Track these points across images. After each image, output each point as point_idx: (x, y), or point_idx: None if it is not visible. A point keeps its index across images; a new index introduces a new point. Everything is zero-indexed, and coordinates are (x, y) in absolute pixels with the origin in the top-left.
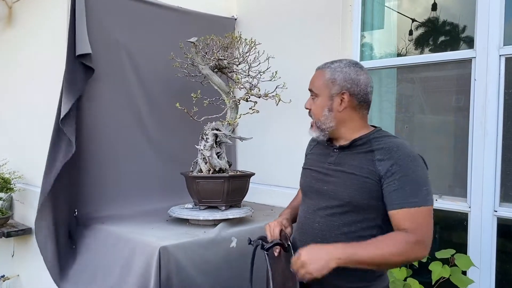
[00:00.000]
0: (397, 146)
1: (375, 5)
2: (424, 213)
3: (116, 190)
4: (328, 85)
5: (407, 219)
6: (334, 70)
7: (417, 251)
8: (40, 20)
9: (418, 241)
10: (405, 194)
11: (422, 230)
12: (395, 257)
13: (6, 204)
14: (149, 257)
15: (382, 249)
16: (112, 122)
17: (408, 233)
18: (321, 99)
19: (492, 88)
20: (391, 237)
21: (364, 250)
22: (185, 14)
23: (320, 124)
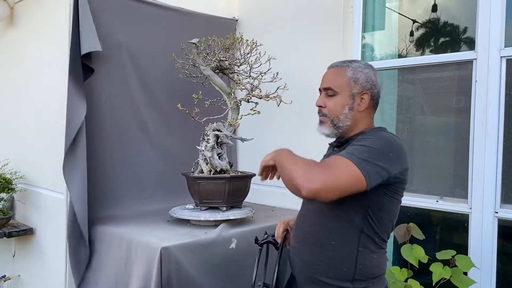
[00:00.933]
0: (374, 133)
1: (376, 6)
2: (342, 162)
3: (117, 191)
4: (350, 84)
5: (329, 159)
6: (355, 69)
7: (315, 173)
8: (42, 20)
9: (323, 167)
10: (343, 152)
11: (331, 167)
12: (297, 171)
13: (8, 205)
14: (150, 257)
15: (297, 160)
16: (113, 122)
17: (321, 163)
18: (342, 97)
19: (493, 90)
20: (311, 159)
21: (287, 157)
22: (187, 15)
23: (337, 122)
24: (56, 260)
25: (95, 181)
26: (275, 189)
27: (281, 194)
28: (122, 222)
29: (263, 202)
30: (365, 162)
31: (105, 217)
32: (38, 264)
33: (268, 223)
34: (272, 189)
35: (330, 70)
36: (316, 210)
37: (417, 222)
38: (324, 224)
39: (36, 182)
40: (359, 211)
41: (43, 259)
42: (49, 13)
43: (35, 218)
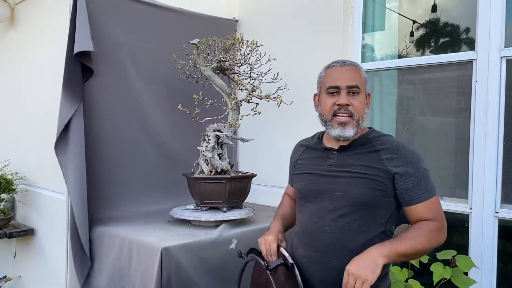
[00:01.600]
0: (400, 144)
1: (376, 7)
2: (437, 201)
3: (118, 191)
4: (365, 83)
5: (428, 210)
6: (363, 69)
7: (441, 236)
8: (43, 22)
9: (440, 227)
10: (421, 188)
11: (441, 216)
12: (428, 245)
13: (8, 205)
14: (151, 258)
15: (415, 239)
16: (113, 123)
17: (433, 222)
18: (363, 97)
19: (493, 90)
20: (420, 228)
21: (401, 243)
22: (187, 16)
23: (361, 121)
24: (56, 261)
25: (95, 182)
26: (276, 190)
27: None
28: (122, 223)
29: (264, 203)
30: (433, 183)
31: (105, 217)
32: (39, 264)
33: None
34: (273, 189)
35: (348, 68)
36: (340, 217)
37: None
38: (352, 228)
39: (37, 183)
40: (384, 215)
41: (44, 259)
42: (49, 14)
43: (36, 219)
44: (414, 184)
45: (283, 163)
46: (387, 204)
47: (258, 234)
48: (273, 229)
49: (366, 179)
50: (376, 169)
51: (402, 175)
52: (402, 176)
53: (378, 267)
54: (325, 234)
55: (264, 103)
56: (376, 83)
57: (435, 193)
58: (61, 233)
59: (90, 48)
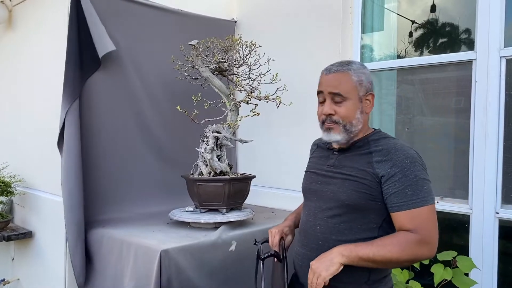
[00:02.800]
0: (395, 147)
1: (375, 7)
2: (425, 213)
3: (117, 193)
4: (357, 87)
5: (409, 220)
6: (357, 72)
7: (422, 250)
8: (41, 23)
9: (421, 241)
10: (406, 195)
11: (425, 229)
12: (398, 255)
13: (7, 208)
14: (150, 260)
15: (384, 246)
16: (112, 125)
17: (413, 234)
18: (352, 102)
19: (493, 90)
20: (394, 236)
21: (366, 247)
22: (186, 17)
23: (350, 126)
24: (55, 263)
25: (94, 184)
26: (275, 191)
27: (281, 195)
28: (121, 225)
29: (263, 204)
30: (430, 193)
31: (104, 219)
32: (37, 267)
33: (268, 225)
34: (272, 190)
35: (333, 75)
36: (329, 217)
37: None
38: (339, 230)
39: (35, 185)
40: (375, 220)
41: (43, 262)
42: (47, 15)
43: (34, 221)
44: (399, 190)
45: (283, 164)
46: (376, 208)
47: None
48: (284, 222)
49: (354, 181)
50: (365, 171)
51: (388, 178)
52: (388, 179)
53: (334, 265)
54: (315, 233)
55: (263, 104)
56: (375, 83)
57: (426, 203)
58: (59, 235)
59: (112, 48)
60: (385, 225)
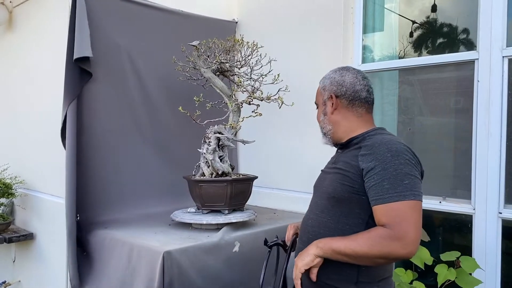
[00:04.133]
0: (381, 142)
1: (376, 7)
2: (403, 208)
3: (119, 194)
4: (321, 93)
5: (384, 214)
6: (324, 79)
7: (395, 248)
8: (41, 24)
9: (395, 237)
10: (382, 189)
11: (400, 225)
12: (367, 249)
13: (7, 210)
14: (153, 262)
15: (355, 241)
16: (114, 126)
17: (385, 229)
18: (319, 108)
19: (495, 90)
20: (368, 231)
21: (339, 241)
22: (187, 18)
23: (322, 130)
24: (56, 265)
25: (96, 185)
26: (277, 192)
27: (283, 196)
28: (123, 226)
29: (265, 205)
30: (411, 188)
31: (106, 221)
32: (38, 269)
33: (271, 226)
34: (274, 191)
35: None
36: (319, 211)
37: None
38: (326, 224)
39: (36, 187)
40: (361, 215)
41: (44, 264)
42: (47, 17)
43: (35, 223)
44: (376, 183)
45: (284, 165)
46: (360, 202)
47: (260, 237)
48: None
49: (340, 174)
50: (349, 164)
51: (368, 171)
52: (368, 172)
53: (309, 255)
54: (307, 226)
55: (265, 104)
56: (376, 84)
57: (403, 198)
58: (60, 237)
59: (89, 54)
60: (371, 221)
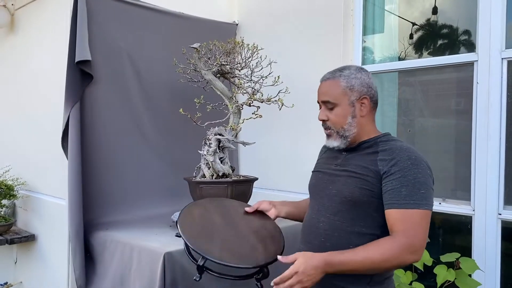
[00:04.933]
0: (400, 148)
1: (375, 9)
2: (417, 216)
3: (120, 196)
4: (347, 93)
5: (399, 220)
6: (348, 77)
7: (406, 256)
8: (43, 27)
9: (407, 246)
10: (400, 194)
11: (412, 233)
12: (383, 263)
13: (9, 211)
14: (154, 263)
15: (368, 255)
16: (114, 128)
17: (397, 238)
18: (342, 108)
19: (494, 91)
20: (380, 243)
21: (351, 256)
22: (187, 20)
23: (343, 132)
24: (58, 267)
25: (97, 187)
26: (277, 193)
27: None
28: (125, 227)
29: None
30: (427, 198)
31: (107, 222)
32: (40, 270)
33: None
34: (274, 192)
35: (324, 83)
36: (332, 214)
37: None
38: (341, 227)
39: (38, 188)
40: (378, 218)
41: (45, 265)
42: (49, 19)
43: (37, 225)
44: (394, 188)
45: (285, 166)
46: (378, 205)
47: None
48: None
49: (357, 178)
50: (367, 169)
51: (388, 176)
52: (387, 177)
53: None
54: (318, 230)
55: (265, 106)
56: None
57: (418, 207)
58: (62, 238)
59: (87, 58)
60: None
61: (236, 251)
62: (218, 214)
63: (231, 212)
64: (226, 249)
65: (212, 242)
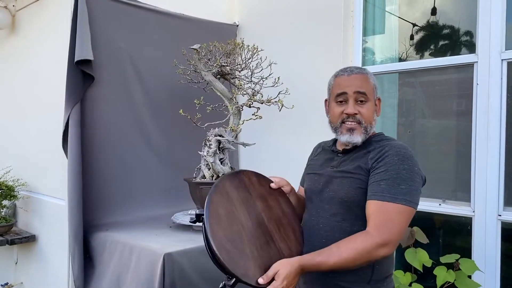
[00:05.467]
0: (390, 145)
1: (376, 10)
2: (392, 210)
3: (120, 197)
4: (374, 90)
5: (374, 211)
6: (372, 76)
7: (378, 251)
8: (44, 28)
9: (379, 241)
10: (379, 187)
11: (386, 227)
12: (355, 259)
13: (10, 212)
14: (154, 264)
15: (340, 254)
16: (115, 129)
17: (370, 234)
18: (371, 104)
19: (494, 92)
20: (352, 240)
21: (323, 255)
22: (188, 21)
23: (369, 128)
24: (58, 267)
25: (97, 187)
26: None
27: None
28: (124, 228)
29: None
30: (406, 194)
31: (107, 223)
32: (40, 271)
33: None
34: None
35: (356, 76)
36: (331, 215)
37: (420, 225)
38: (341, 227)
39: (38, 189)
40: None
41: (46, 266)
42: (50, 20)
43: (37, 225)
44: (376, 181)
45: (285, 167)
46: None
47: None
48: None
49: (351, 178)
50: (360, 167)
51: (373, 170)
52: (373, 171)
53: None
54: (318, 231)
55: (265, 107)
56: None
57: (395, 201)
58: (62, 239)
59: (90, 57)
60: None
61: (267, 264)
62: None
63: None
64: (258, 264)
65: (243, 253)
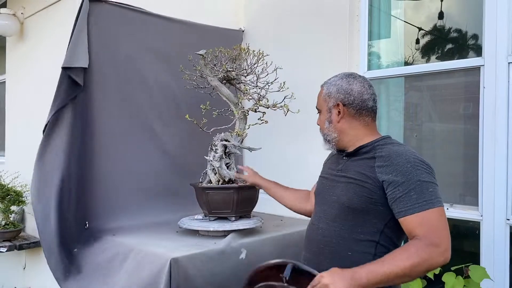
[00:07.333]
0: (397, 153)
1: (381, 14)
2: (434, 215)
3: (126, 202)
4: (326, 100)
5: (417, 224)
6: (329, 84)
7: (434, 256)
8: (52, 35)
9: (432, 245)
10: (410, 199)
11: (434, 233)
12: (413, 268)
13: (18, 217)
14: (160, 268)
15: (398, 264)
16: (121, 133)
17: (420, 240)
18: (323, 114)
19: (501, 96)
20: (405, 250)
21: (381, 268)
22: (193, 27)
23: (326, 136)
24: None
25: (104, 192)
26: None
27: None
28: (131, 233)
29: (272, 212)
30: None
31: (114, 228)
32: (48, 276)
33: (277, 233)
34: None
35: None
36: (331, 220)
37: None
38: (340, 234)
39: None
40: (377, 224)
41: None
42: (58, 28)
43: None
44: (403, 194)
45: (290, 171)
46: (377, 212)
47: (267, 244)
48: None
49: (356, 185)
50: (366, 175)
51: (390, 183)
52: (390, 184)
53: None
54: (317, 237)
55: (271, 112)
56: (382, 90)
57: (432, 206)
58: None
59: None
60: (387, 230)
61: None
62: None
63: None
64: None
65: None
